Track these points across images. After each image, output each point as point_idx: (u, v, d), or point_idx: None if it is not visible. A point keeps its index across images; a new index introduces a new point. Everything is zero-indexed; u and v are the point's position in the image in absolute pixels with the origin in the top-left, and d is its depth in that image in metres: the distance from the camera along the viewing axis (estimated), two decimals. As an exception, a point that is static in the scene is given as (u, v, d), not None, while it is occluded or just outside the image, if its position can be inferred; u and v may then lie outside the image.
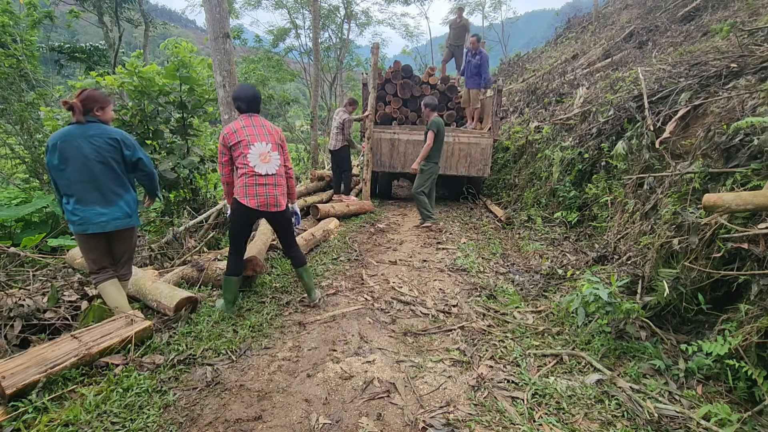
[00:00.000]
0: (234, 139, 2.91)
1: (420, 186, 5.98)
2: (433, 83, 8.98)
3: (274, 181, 2.99)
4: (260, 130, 2.98)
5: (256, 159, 2.92)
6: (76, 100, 2.63)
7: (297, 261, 3.30)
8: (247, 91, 3.04)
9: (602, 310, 2.69)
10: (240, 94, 3.02)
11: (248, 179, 2.92)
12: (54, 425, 1.92)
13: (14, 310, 2.66)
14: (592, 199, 4.94)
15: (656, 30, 9.31)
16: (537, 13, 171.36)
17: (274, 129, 3.07)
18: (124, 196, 2.77)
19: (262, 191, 2.94)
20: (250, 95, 3.02)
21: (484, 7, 26.02)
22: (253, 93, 3.05)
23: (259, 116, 3.07)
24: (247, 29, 27.08)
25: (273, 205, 3.00)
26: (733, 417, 1.99)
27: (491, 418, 2.10)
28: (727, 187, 2.90)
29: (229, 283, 3.12)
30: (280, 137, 3.10)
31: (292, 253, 3.30)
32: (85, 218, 2.65)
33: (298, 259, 3.30)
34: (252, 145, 2.92)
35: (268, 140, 2.99)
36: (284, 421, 2.05)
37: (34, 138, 7.61)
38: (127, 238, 2.90)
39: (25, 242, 4.24)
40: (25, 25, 10.41)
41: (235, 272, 3.13)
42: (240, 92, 3.03)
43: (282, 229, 3.25)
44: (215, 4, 4.25)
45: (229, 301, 3.14)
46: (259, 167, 2.93)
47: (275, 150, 3.02)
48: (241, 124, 2.96)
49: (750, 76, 3.79)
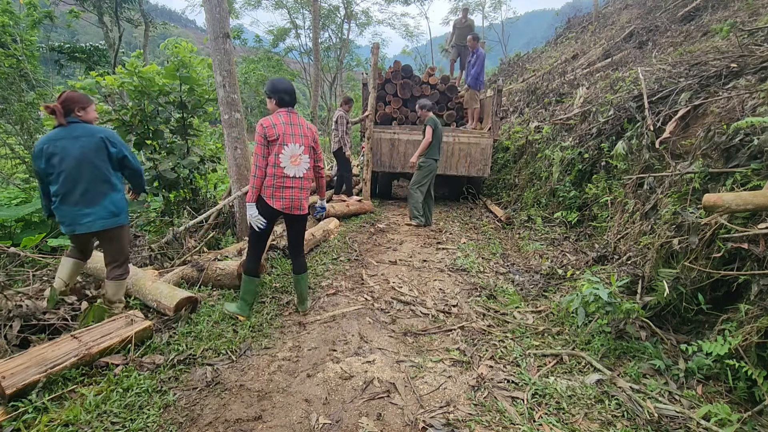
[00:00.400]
0: (273, 134, 2.81)
1: (417, 182, 6.00)
2: (433, 83, 8.98)
3: (300, 184, 2.94)
4: (296, 130, 2.90)
5: (287, 160, 2.86)
6: (56, 104, 2.64)
7: (299, 267, 3.20)
8: (288, 84, 2.97)
9: (602, 310, 2.69)
10: (281, 86, 2.93)
11: (276, 180, 2.86)
12: (54, 425, 1.92)
13: (13, 310, 2.66)
14: (592, 199, 4.94)
15: (656, 30, 9.31)
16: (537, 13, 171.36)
17: (309, 129, 3.00)
18: (110, 195, 2.75)
19: (288, 194, 2.90)
20: (291, 88, 2.95)
21: (484, 7, 26.03)
22: (292, 86, 3.00)
23: (297, 113, 2.97)
24: (247, 29, 27.10)
25: (297, 208, 2.96)
26: (733, 417, 1.99)
27: (491, 418, 2.10)
28: (727, 187, 2.90)
29: (250, 284, 3.08)
30: (314, 138, 3.02)
31: (296, 258, 3.22)
32: (72, 219, 2.68)
33: (300, 265, 3.20)
34: (286, 145, 2.84)
35: (302, 142, 2.91)
36: (284, 421, 2.05)
37: (34, 138, 7.60)
38: (115, 238, 2.87)
39: (25, 242, 4.24)
40: (25, 25, 10.41)
41: (252, 270, 3.07)
42: (280, 84, 2.94)
43: (297, 232, 3.16)
44: (215, 4, 4.25)
45: (249, 303, 3.10)
46: (288, 169, 2.87)
47: (306, 152, 2.95)
48: (281, 120, 2.86)
49: (750, 76, 3.79)
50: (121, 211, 2.82)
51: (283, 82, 2.97)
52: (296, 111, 2.97)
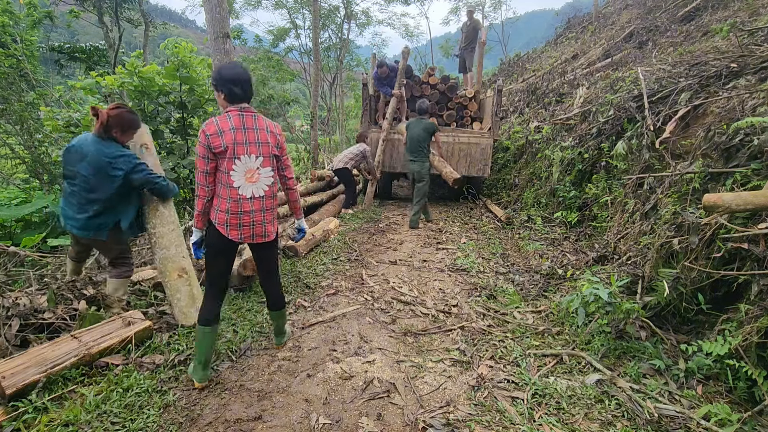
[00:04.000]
0: (219, 144, 2.11)
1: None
2: (433, 83, 8.97)
3: (262, 205, 2.27)
4: (252, 136, 2.18)
5: (241, 177, 2.18)
6: (105, 112, 2.63)
7: (275, 302, 2.57)
8: (238, 71, 2.20)
9: (602, 310, 2.69)
10: (229, 74, 2.17)
11: (231, 204, 2.20)
12: (54, 425, 1.92)
13: (12, 309, 2.66)
14: (592, 199, 4.94)
15: (656, 30, 9.31)
16: (537, 13, 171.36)
17: (271, 132, 2.27)
18: (102, 211, 2.67)
19: (248, 220, 2.24)
20: (243, 77, 2.19)
21: (484, 7, 26.03)
22: (247, 74, 2.24)
23: (254, 111, 2.25)
24: (247, 29, 27.10)
25: (260, 235, 2.32)
26: (733, 417, 1.99)
27: (491, 418, 2.10)
28: (727, 187, 2.90)
29: (202, 336, 2.28)
30: (279, 143, 2.32)
31: (270, 290, 2.55)
32: (64, 216, 2.76)
33: (277, 300, 2.57)
34: (238, 158, 2.15)
35: (260, 151, 2.21)
36: (284, 421, 2.05)
37: (34, 138, 7.60)
38: (100, 247, 2.92)
39: (25, 242, 4.24)
40: (25, 25, 10.41)
41: (207, 320, 2.30)
42: (228, 72, 2.18)
43: (267, 262, 2.49)
44: (215, 4, 4.25)
45: (200, 362, 2.29)
46: (244, 188, 2.20)
47: (267, 164, 2.25)
48: (230, 124, 2.14)
49: (750, 76, 3.79)
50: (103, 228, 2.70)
51: (232, 69, 2.21)
52: (253, 108, 2.25)
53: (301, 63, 23.86)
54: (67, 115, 5.59)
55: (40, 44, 12.23)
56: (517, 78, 14.59)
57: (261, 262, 2.49)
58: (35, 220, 5.40)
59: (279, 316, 2.67)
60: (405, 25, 34.49)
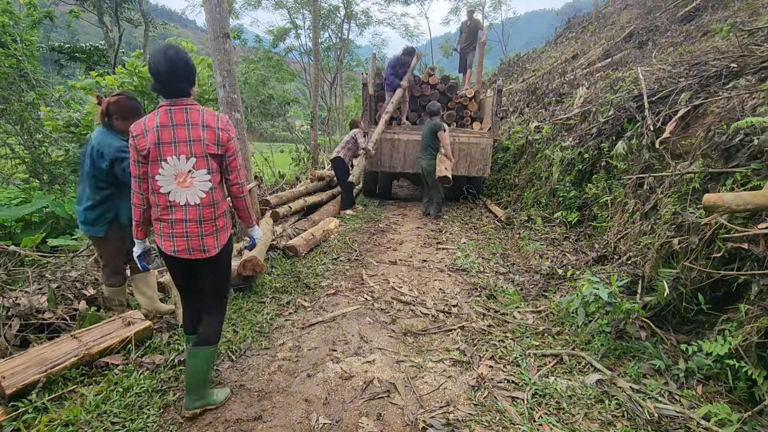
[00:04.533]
0: (143, 146, 1.86)
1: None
2: (434, 83, 8.98)
3: (198, 214, 1.93)
4: (181, 133, 1.87)
5: (171, 182, 1.89)
6: (106, 99, 2.62)
7: (201, 337, 2.09)
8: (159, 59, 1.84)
9: (602, 310, 2.69)
10: (152, 65, 1.86)
11: (161, 212, 1.94)
12: (54, 425, 1.92)
13: (12, 309, 2.66)
14: (592, 199, 4.94)
15: (656, 30, 9.31)
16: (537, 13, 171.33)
17: (208, 125, 1.91)
18: (100, 203, 2.66)
19: (181, 230, 1.93)
20: (165, 67, 1.83)
21: (484, 7, 26.03)
22: (173, 62, 1.84)
23: (187, 104, 1.91)
24: (247, 29, 27.10)
25: (197, 249, 1.97)
26: (733, 417, 1.99)
27: (491, 418, 2.10)
28: (727, 187, 2.90)
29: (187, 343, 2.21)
30: (219, 139, 1.93)
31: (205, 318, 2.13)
32: (77, 213, 2.76)
33: (203, 331, 2.11)
34: (164, 160, 1.87)
35: (191, 151, 1.88)
36: (284, 421, 2.05)
37: (34, 138, 7.59)
38: (99, 245, 2.81)
39: (25, 242, 4.24)
40: (25, 25, 10.41)
41: (187, 329, 2.20)
42: (152, 62, 1.86)
43: (207, 281, 2.11)
44: (215, 4, 4.24)
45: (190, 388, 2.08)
46: (176, 194, 1.91)
47: (202, 166, 1.91)
48: (155, 122, 1.87)
49: (750, 76, 3.79)
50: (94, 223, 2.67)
51: (154, 57, 1.86)
52: (189, 101, 1.92)
53: (301, 63, 23.86)
54: (67, 115, 5.60)
55: (40, 44, 12.23)
56: (517, 78, 14.59)
57: (204, 284, 2.11)
58: (35, 220, 5.40)
59: (194, 356, 2.05)
60: (405, 25, 34.50)
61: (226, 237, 2.06)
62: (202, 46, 15.78)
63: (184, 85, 1.90)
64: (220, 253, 2.03)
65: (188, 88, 1.92)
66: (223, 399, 2.17)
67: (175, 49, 1.88)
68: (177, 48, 1.89)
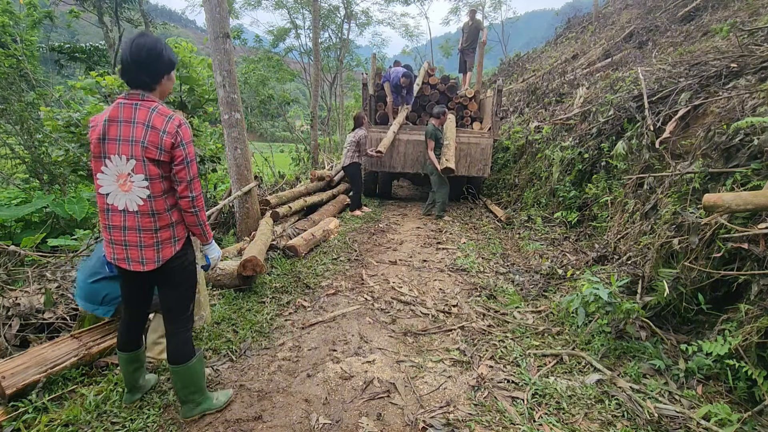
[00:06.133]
0: (91, 138, 1.75)
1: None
2: (434, 83, 8.97)
3: (137, 223, 1.77)
4: (127, 131, 1.71)
5: (112, 183, 1.75)
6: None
7: (171, 353, 1.97)
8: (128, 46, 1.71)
9: (602, 310, 2.69)
10: (122, 52, 1.73)
11: (101, 215, 1.82)
12: (54, 425, 1.93)
13: (12, 309, 2.66)
14: (592, 199, 4.94)
15: (656, 30, 9.31)
16: (537, 13, 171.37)
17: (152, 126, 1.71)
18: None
19: (119, 238, 1.79)
20: (131, 56, 1.69)
21: (484, 7, 26.03)
22: (137, 51, 1.69)
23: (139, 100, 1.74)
24: (247, 29, 27.12)
25: (136, 261, 1.80)
26: (733, 417, 1.99)
27: (491, 418, 2.10)
28: (727, 187, 2.90)
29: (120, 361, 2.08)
30: (162, 144, 1.71)
31: (167, 335, 1.99)
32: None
33: (172, 350, 1.97)
34: (109, 158, 1.73)
35: (132, 151, 1.71)
36: (284, 421, 2.05)
37: (34, 138, 7.59)
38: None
39: (25, 242, 4.24)
40: (25, 25, 10.41)
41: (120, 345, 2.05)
42: (122, 49, 1.74)
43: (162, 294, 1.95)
44: (215, 4, 4.25)
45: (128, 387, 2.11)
46: (115, 197, 1.76)
47: (140, 170, 1.72)
48: (106, 114, 1.73)
49: (750, 76, 3.79)
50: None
51: (127, 42, 1.73)
52: (145, 95, 1.75)
53: (301, 63, 23.87)
54: (67, 115, 5.59)
55: (40, 44, 12.24)
56: (517, 78, 14.59)
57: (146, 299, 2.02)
58: (35, 220, 5.40)
59: (178, 376, 1.97)
60: (405, 25, 34.51)
61: (173, 251, 1.83)
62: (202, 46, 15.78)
63: (144, 77, 1.73)
64: (166, 268, 1.84)
65: (149, 81, 1.75)
66: (224, 401, 2.14)
67: (147, 37, 1.72)
68: (149, 36, 1.74)
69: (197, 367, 2.01)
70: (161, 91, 1.83)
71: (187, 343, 1.98)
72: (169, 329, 1.98)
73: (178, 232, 1.86)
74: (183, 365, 1.95)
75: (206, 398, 2.07)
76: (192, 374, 1.98)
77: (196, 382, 2.01)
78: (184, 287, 1.95)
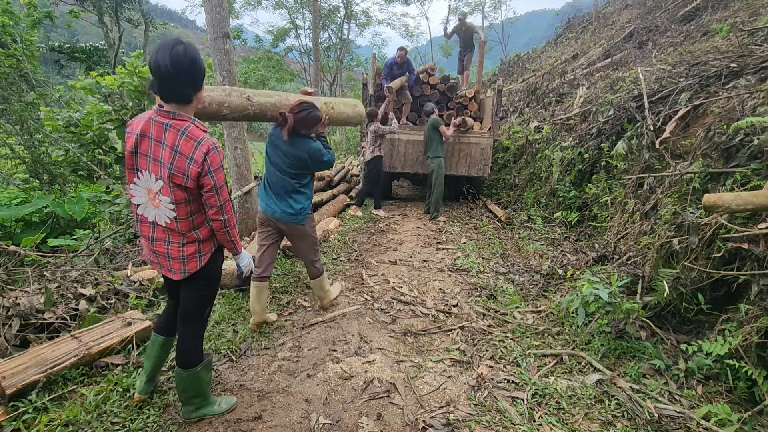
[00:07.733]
0: (129, 146, 1.75)
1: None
2: (434, 83, 8.97)
3: (166, 235, 1.81)
4: (157, 150, 1.68)
5: (143, 195, 1.78)
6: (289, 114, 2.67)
7: (178, 356, 1.99)
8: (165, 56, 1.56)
9: (602, 310, 2.69)
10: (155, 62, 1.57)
11: (138, 225, 1.88)
12: (54, 425, 1.92)
13: (12, 309, 2.66)
14: (592, 199, 4.94)
15: (656, 30, 9.32)
16: (537, 13, 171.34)
17: (181, 153, 1.65)
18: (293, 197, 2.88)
19: (149, 246, 1.87)
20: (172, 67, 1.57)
21: (484, 7, 26.04)
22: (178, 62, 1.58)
23: (170, 119, 1.68)
24: (247, 29, 27.11)
25: (167, 269, 1.87)
26: (733, 417, 1.99)
27: (491, 418, 2.10)
28: (727, 187, 2.90)
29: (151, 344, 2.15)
30: (187, 172, 1.66)
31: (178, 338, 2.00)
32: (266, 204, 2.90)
33: (179, 352, 1.98)
34: (140, 171, 1.75)
35: (161, 173, 1.69)
36: (284, 421, 2.05)
37: (34, 138, 7.60)
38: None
39: (25, 242, 4.24)
40: (25, 25, 10.41)
41: (157, 327, 2.14)
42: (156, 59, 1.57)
43: (182, 300, 1.96)
44: (215, 4, 4.24)
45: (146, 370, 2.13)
46: (145, 209, 1.80)
47: (167, 194, 1.72)
48: (140, 127, 1.70)
49: (750, 76, 3.79)
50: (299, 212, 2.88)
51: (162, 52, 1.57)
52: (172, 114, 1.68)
53: (301, 63, 23.89)
54: (67, 115, 5.60)
55: (40, 44, 12.23)
56: (517, 78, 14.59)
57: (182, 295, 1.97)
58: (35, 220, 5.40)
59: (180, 378, 1.96)
60: (405, 25, 34.47)
61: (197, 265, 1.85)
62: (202, 46, 15.78)
63: (188, 88, 1.68)
64: (190, 279, 1.86)
65: (192, 92, 1.71)
66: (225, 408, 2.10)
67: (185, 45, 1.61)
68: (187, 45, 1.63)
69: (201, 375, 2.00)
70: (198, 98, 1.78)
71: (194, 349, 1.99)
72: (180, 331, 2.00)
73: (204, 247, 1.87)
74: (186, 370, 1.96)
75: (208, 403, 2.07)
76: (194, 380, 1.98)
77: (197, 388, 2.01)
78: (204, 297, 1.99)
